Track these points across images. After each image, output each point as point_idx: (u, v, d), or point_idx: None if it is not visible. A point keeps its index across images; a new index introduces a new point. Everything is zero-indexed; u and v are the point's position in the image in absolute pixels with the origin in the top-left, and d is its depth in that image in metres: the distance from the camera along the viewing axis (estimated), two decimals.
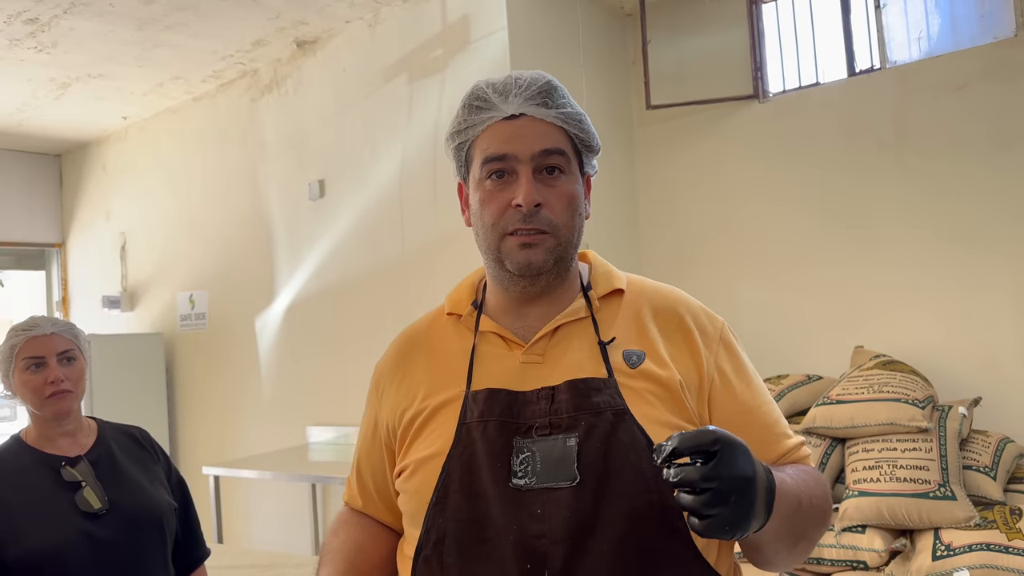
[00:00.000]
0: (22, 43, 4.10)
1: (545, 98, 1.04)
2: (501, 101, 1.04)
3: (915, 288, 3.40)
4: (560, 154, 1.03)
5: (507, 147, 1.02)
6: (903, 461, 2.73)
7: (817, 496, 1.00)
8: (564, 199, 1.03)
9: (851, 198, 3.58)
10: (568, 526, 0.92)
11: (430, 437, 1.04)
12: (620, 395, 0.99)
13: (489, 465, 0.97)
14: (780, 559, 1.00)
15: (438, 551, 0.98)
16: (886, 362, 3.14)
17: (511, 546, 0.93)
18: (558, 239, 1.03)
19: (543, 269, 1.03)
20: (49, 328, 1.84)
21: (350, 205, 4.22)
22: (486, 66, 3.61)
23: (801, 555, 1.01)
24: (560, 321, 1.06)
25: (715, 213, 3.98)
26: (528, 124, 1.03)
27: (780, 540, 0.94)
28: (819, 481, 1.04)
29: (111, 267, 5.83)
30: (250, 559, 3.07)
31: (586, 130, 1.07)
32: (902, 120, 3.46)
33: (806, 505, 0.96)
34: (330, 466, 3.73)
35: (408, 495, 1.05)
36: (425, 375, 1.10)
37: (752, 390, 1.06)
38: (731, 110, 3.93)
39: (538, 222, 1.01)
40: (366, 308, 4.13)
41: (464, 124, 1.07)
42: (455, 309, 1.14)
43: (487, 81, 1.07)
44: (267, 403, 4.67)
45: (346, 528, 1.17)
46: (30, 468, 1.80)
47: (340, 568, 1.08)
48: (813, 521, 0.99)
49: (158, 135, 5.47)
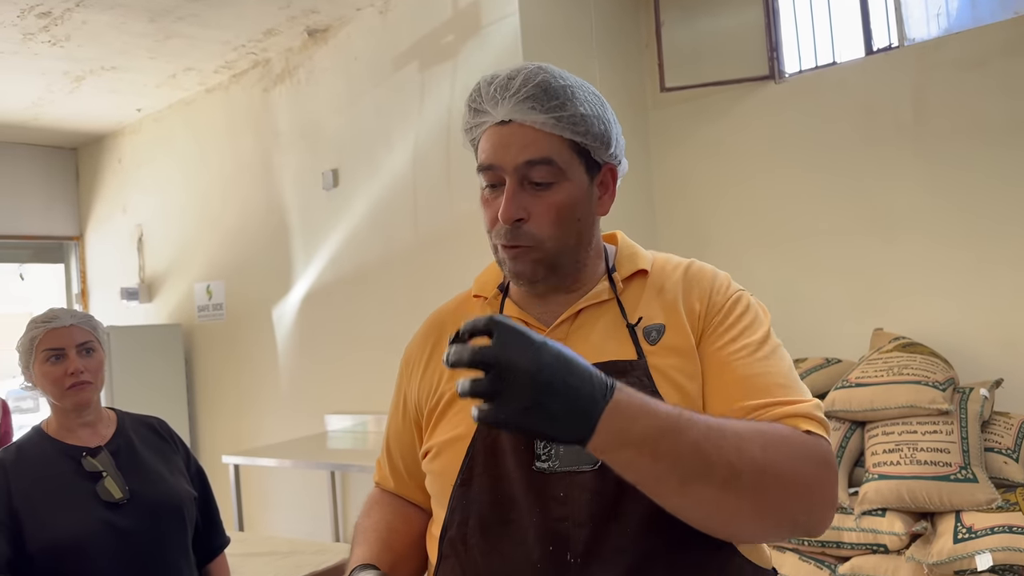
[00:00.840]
0: (36, 37, 4.12)
1: (534, 103, 0.98)
2: (492, 106, 1.01)
3: (935, 269, 3.36)
4: (547, 164, 0.98)
5: (494, 157, 1.00)
6: (924, 444, 2.70)
7: (753, 442, 0.85)
8: (551, 211, 0.99)
9: (869, 179, 3.53)
10: (590, 509, 0.92)
11: (454, 419, 1.05)
12: (650, 377, 0.97)
13: (513, 448, 0.97)
14: (673, 502, 0.85)
15: (462, 532, 0.99)
16: (906, 344, 3.11)
17: (534, 528, 0.94)
18: (543, 251, 1.01)
19: (535, 278, 1.03)
20: (68, 320, 1.86)
21: (364, 194, 4.22)
22: (498, 52, 3.59)
23: (710, 502, 0.84)
24: (582, 304, 1.05)
25: (731, 195, 3.94)
26: (514, 132, 0.99)
27: (644, 471, 0.82)
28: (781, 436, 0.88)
29: (129, 259, 5.87)
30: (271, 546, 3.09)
31: (585, 131, 1.00)
32: (921, 99, 3.41)
33: (700, 439, 0.82)
34: (349, 454, 3.75)
35: (433, 476, 1.06)
36: None
37: (740, 343, 0.99)
38: (746, 91, 3.88)
39: (519, 238, 1.00)
40: (381, 296, 4.14)
41: (468, 124, 1.07)
42: (482, 292, 1.15)
43: (487, 78, 1.04)
44: (285, 392, 4.70)
45: (378, 508, 1.18)
46: (52, 459, 1.82)
47: (374, 547, 1.09)
48: (726, 466, 0.83)
49: (172, 127, 5.49)
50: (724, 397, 0.96)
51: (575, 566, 0.92)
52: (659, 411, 0.82)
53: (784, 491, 0.86)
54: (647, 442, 0.80)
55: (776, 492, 0.86)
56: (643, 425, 0.80)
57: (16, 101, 5.12)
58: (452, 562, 1.00)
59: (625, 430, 0.79)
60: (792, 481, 0.87)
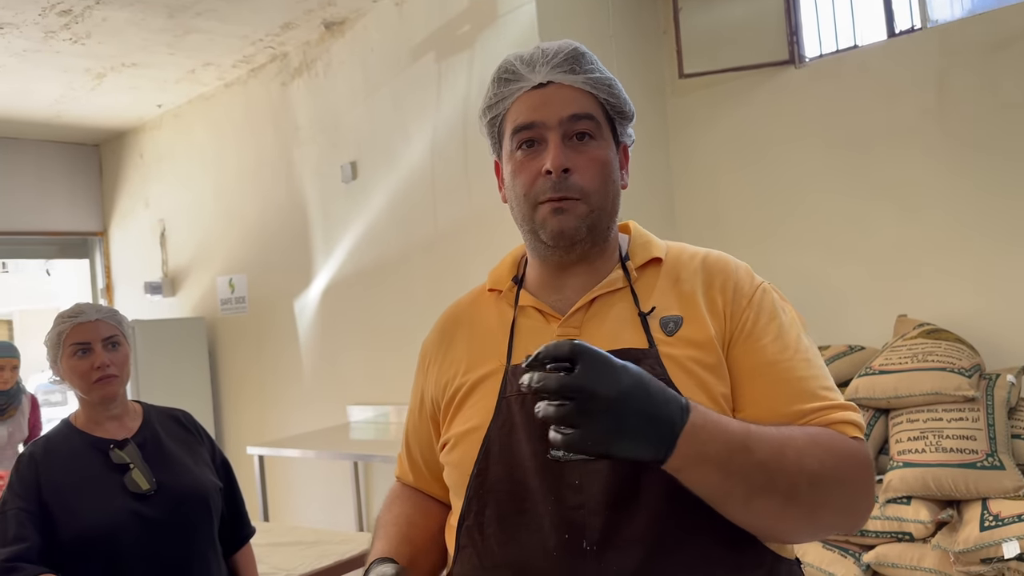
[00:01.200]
0: (57, 35, 4.16)
1: (572, 64, 1.04)
2: (528, 71, 1.04)
3: (960, 254, 3.32)
4: (589, 119, 1.03)
5: (535, 115, 1.02)
6: (949, 431, 2.68)
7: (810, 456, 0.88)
8: (595, 164, 1.02)
9: (891, 163, 3.49)
10: (606, 497, 0.93)
11: (471, 411, 1.06)
12: (662, 365, 0.97)
13: (528, 437, 0.98)
14: (735, 514, 0.89)
15: (479, 521, 1.00)
16: (931, 330, 3.07)
17: (549, 516, 0.94)
18: (590, 205, 1.02)
19: (576, 237, 1.02)
20: (94, 315, 1.88)
21: (382, 186, 4.23)
22: (514, 41, 3.58)
23: (771, 514, 0.89)
24: (596, 292, 1.05)
25: (751, 182, 3.91)
26: (556, 91, 1.03)
27: (714, 487, 0.85)
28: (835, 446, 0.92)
29: (152, 254, 5.94)
30: (296, 536, 3.13)
31: (616, 95, 1.06)
32: (944, 82, 3.36)
33: (767, 457, 0.85)
34: (371, 444, 3.78)
35: (451, 467, 1.07)
36: (466, 350, 1.12)
37: (779, 344, 0.99)
38: (766, 76, 3.85)
39: (567, 189, 1.01)
40: (400, 288, 4.16)
41: (495, 98, 1.08)
42: (496, 285, 1.15)
43: (515, 54, 1.07)
44: (308, 383, 4.74)
45: (398, 502, 1.19)
46: (80, 451, 1.85)
47: (394, 541, 1.10)
48: (788, 481, 0.87)
49: (192, 122, 5.53)
50: (771, 399, 0.96)
51: (591, 553, 0.92)
52: (730, 429, 0.86)
53: (836, 499, 0.92)
54: (719, 461, 0.84)
55: (829, 500, 0.91)
56: (718, 445, 0.84)
57: (40, 99, 5.18)
58: (469, 551, 1.01)
59: (700, 452, 0.82)
60: (843, 489, 0.92)
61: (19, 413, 3.99)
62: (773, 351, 0.99)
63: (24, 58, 4.43)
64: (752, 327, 1.01)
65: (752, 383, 0.98)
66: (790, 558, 1.01)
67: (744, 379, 0.99)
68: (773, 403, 0.96)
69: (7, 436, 3.93)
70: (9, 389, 3.91)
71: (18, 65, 4.53)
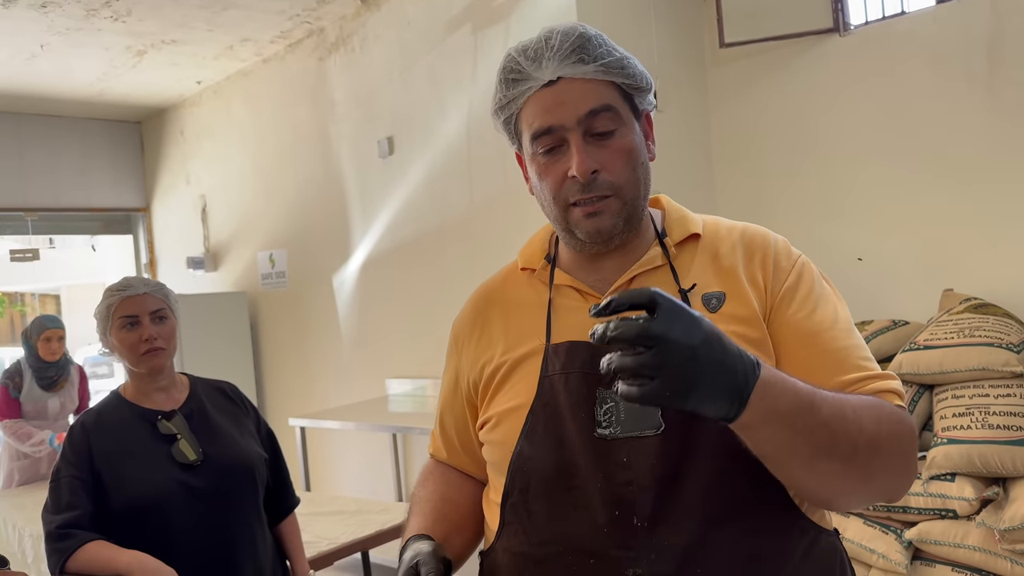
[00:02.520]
0: (99, 13, 4.21)
1: (580, 53, 0.99)
2: (535, 69, 1.00)
3: (1008, 227, 3.23)
4: (608, 110, 0.99)
5: (551, 118, 0.99)
6: (996, 408, 2.62)
7: (867, 418, 0.88)
8: (621, 157, 0.99)
9: (939, 133, 3.39)
10: (655, 474, 0.93)
11: (513, 390, 1.05)
12: None
13: (573, 416, 0.98)
14: (797, 475, 0.88)
15: (524, 498, 1.00)
16: (978, 305, 3.00)
17: (599, 493, 0.94)
18: (623, 199, 1.00)
19: (613, 232, 1.01)
20: (142, 288, 1.92)
21: (419, 161, 4.23)
22: (551, 10, 3.53)
23: (831, 475, 0.88)
24: (636, 271, 1.04)
25: (794, 153, 3.84)
26: (567, 88, 0.98)
27: (781, 446, 0.84)
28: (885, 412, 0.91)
29: (194, 229, 6.03)
30: (337, 506, 3.19)
31: (631, 74, 1.01)
32: (994, 48, 3.25)
33: (829, 417, 0.84)
34: (409, 417, 3.82)
35: (492, 445, 1.07)
36: (503, 330, 1.11)
37: (819, 316, 0.99)
38: (809, 45, 3.75)
39: (598, 189, 0.98)
40: (437, 263, 4.17)
41: (505, 100, 1.04)
42: (528, 264, 1.14)
43: (518, 47, 1.03)
44: (347, 357, 4.80)
45: (432, 479, 1.20)
46: (129, 422, 1.90)
47: (428, 518, 1.11)
48: (849, 442, 0.86)
49: (231, 98, 5.58)
50: (815, 370, 0.95)
51: (642, 529, 0.92)
52: (798, 388, 0.84)
53: (889, 462, 0.91)
54: (787, 418, 0.82)
55: (883, 463, 0.90)
56: (786, 402, 0.82)
57: (82, 77, 5.26)
58: (515, 528, 1.01)
59: (771, 407, 0.80)
60: (894, 454, 0.91)
61: (69, 384, 4.11)
62: (814, 322, 0.98)
63: (67, 37, 4.50)
64: (792, 299, 1.00)
65: (794, 355, 0.98)
66: (829, 529, 1.01)
67: (786, 351, 0.98)
68: (815, 374, 0.94)
69: (60, 407, 4.05)
70: (58, 360, 4.02)
71: (61, 44, 4.60)
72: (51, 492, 1.81)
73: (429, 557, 0.98)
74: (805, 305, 1.00)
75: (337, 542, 2.70)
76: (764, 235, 1.07)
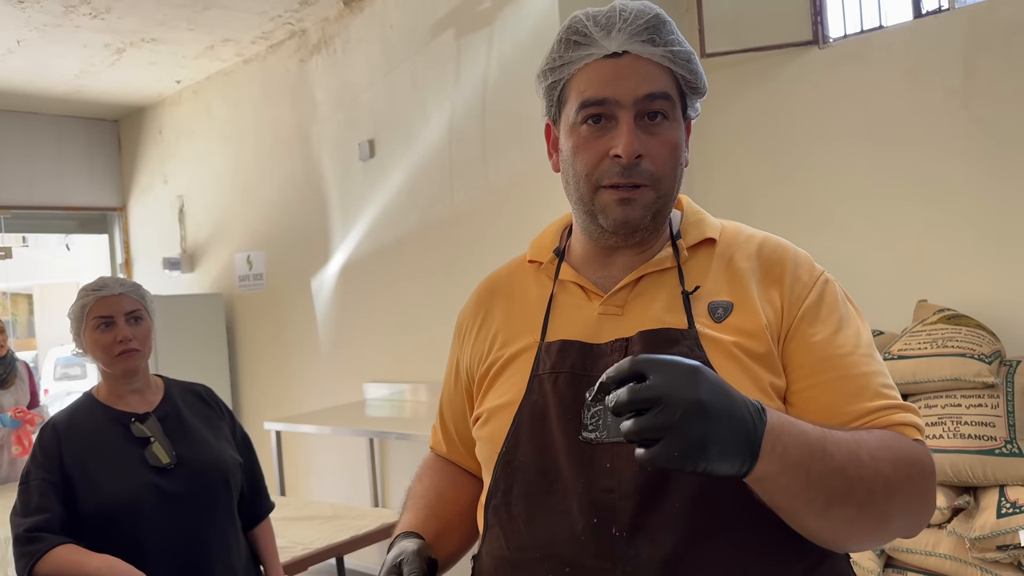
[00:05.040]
0: (77, 9, 4.16)
1: (653, 34, 0.94)
2: (603, 37, 0.94)
3: (982, 240, 3.28)
4: (666, 98, 0.94)
5: (607, 90, 0.93)
6: (968, 417, 2.66)
7: (884, 461, 0.84)
8: (667, 148, 0.95)
9: (915, 146, 3.44)
10: (637, 482, 0.89)
11: (504, 386, 1.03)
12: (700, 347, 0.92)
13: (559, 417, 0.95)
14: (812, 524, 0.84)
15: (506, 501, 0.97)
16: (951, 316, 3.04)
17: (578, 499, 0.91)
18: (658, 192, 0.96)
19: (640, 225, 0.97)
20: (117, 288, 1.90)
21: (400, 164, 4.22)
22: (535, 18, 3.54)
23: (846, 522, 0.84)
24: (643, 271, 1.00)
25: (772, 164, 3.87)
26: (632, 64, 0.93)
27: (796, 496, 0.80)
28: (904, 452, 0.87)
29: (170, 230, 5.97)
30: (313, 511, 3.16)
31: (695, 70, 0.97)
32: (971, 64, 3.30)
33: (844, 463, 0.81)
34: (387, 421, 3.80)
35: (482, 443, 1.04)
36: (503, 323, 1.08)
37: (840, 338, 0.94)
38: (789, 57, 3.79)
39: (638, 175, 0.94)
40: (417, 267, 4.16)
41: (560, 61, 0.97)
42: (536, 256, 1.10)
43: (588, 12, 0.97)
44: (325, 360, 4.77)
45: (429, 474, 1.18)
46: (102, 424, 1.87)
47: (421, 514, 1.08)
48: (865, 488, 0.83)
49: (211, 98, 5.54)
50: (831, 395, 0.92)
51: (620, 539, 0.89)
52: (807, 433, 0.81)
53: (905, 505, 0.88)
54: (801, 466, 0.79)
55: (900, 507, 0.87)
56: (798, 449, 0.78)
57: (59, 74, 5.20)
58: (497, 531, 0.98)
59: (783, 456, 0.77)
60: (911, 496, 0.88)
61: (19, 380, 4.05)
62: (835, 345, 0.94)
63: (44, 33, 4.44)
64: (813, 319, 0.95)
65: (811, 378, 0.93)
66: (838, 552, 0.96)
67: (802, 373, 0.93)
68: (833, 399, 0.91)
69: (14, 404, 3.99)
70: (4, 356, 3.96)
71: (38, 40, 4.55)
72: (20, 495, 1.78)
73: (413, 556, 0.96)
74: (826, 326, 0.95)
75: (311, 547, 2.68)
76: (784, 249, 1.02)
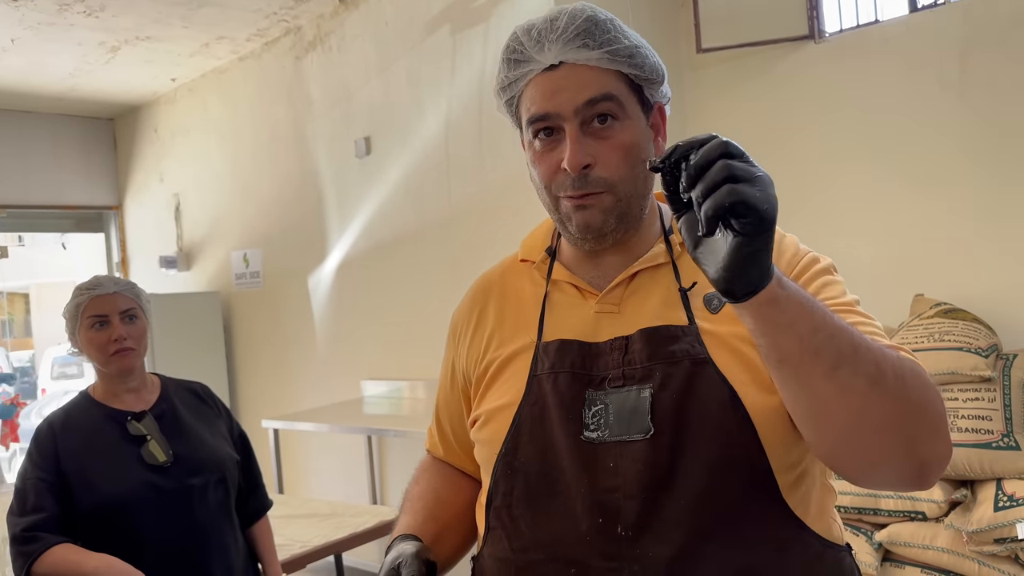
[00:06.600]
0: (71, 7, 4.15)
1: (587, 38, 0.93)
2: (537, 51, 0.94)
3: (979, 234, 3.28)
4: (609, 100, 0.93)
5: (548, 104, 0.94)
6: (965, 411, 2.66)
7: (888, 351, 0.81)
8: (619, 151, 0.94)
9: (911, 141, 3.44)
10: (642, 480, 0.88)
11: (502, 388, 1.02)
12: (701, 343, 0.92)
13: (560, 417, 0.94)
14: (822, 387, 0.78)
15: (507, 502, 0.97)
16: (948, 310, 3.04)
17: (582, 499, 0.90)
18: (616, 195, 0.95)
19: (604, 229, 0.96)
20: (112, 287, 1.89)
21: (396, 162, 4.22)
22: (530, 13, 3.51)
23: (858, 394, 0.77)
24: (637, 268, 1.00)
25: (767, 158, 3.83)
26: (569, 74, 0.93)
27: (803, 339, 0.75)
28: (907, 360, 0.84)
29: (167, 228, 5.96)
30: (311, 509, 3.16)
31: (640, 63, 0.97)
32: (967, 57, 3.30)
33: (847, 327, 0.79)
34: (385, 419, 3.80)
35: (480, 445, 1.04)
36: (498, 323, 1.08)
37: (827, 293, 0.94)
38: (785, 52, 3.79)
39: (589, 185, 0.93)
40: (414, 264, 4.16)
41: (506, 80, 0.99)
42: (528, 256, 1.10)
43: (524, 27, 0.98)
44: (322, 358, 4.76)
45: (426, 476, 1.17)
46: (98, 423, 1.87)
47: (418, 516, 1.08)
48: (872, 358, 0.78)
49: (206, 96, 5.52)
50: None
51: (626, 539, 0.88)
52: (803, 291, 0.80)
53: (919, 409, 0.81)
54: (807, 305, 0.76)
55: (913, 406, 0.80)
56: (801, 294, 0.78)
57: (54, 72, 5.18)
58: (499, 533, 0.98)
59: (790, 288, 0.76)
60: (923, 403, 0.81)
61: None
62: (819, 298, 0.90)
63: (38, 31, 4.42)
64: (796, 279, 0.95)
65: None
66: (839, 543, 0.96)
67: None
68: None
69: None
70: None
71: (32, 38, 4.53)
72: (16, 494, 1.78)
73: (412, 559, 0.95)
74: (809, 283, 0.96)
75: (310, 545, 2.68)
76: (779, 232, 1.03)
